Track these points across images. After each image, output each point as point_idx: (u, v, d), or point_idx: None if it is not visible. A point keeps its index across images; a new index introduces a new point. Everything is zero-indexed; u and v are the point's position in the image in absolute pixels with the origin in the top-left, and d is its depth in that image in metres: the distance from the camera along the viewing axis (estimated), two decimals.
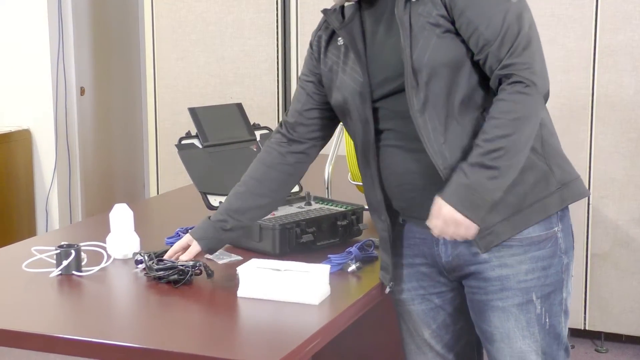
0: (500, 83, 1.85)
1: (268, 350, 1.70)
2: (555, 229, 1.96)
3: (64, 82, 5.24)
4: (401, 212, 2.05)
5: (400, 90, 1.91)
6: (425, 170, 1.92)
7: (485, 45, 1.84)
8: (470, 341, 2.14)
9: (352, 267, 2.16)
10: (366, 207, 2.48)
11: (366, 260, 2.22)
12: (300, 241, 2.28)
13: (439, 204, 1.85)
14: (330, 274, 2.02)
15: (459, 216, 1.83)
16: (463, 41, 1.86)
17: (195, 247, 2.12)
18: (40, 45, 5.09)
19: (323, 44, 2.08)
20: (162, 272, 2.02)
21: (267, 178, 2.14)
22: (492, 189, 1.82)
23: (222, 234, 2.12)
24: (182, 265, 2.03)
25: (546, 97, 1.88)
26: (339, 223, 2.37)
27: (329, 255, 2.19)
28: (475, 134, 1.87)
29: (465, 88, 1.87)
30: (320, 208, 2.49)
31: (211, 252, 2.16)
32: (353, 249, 2.20)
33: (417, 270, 2.07)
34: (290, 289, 1.92)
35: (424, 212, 1.96)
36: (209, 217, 2.15)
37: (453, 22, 1.86)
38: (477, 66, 1.88)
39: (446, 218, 1.84)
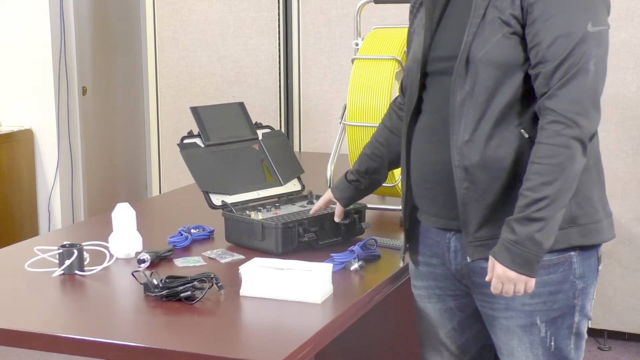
0: (541, 114, 1.78)
1: (271, 349, 1.70)
2: (572, 253, 1.87)
3: (66, 81, 5.24)
4: (416, 202, 2.01)
5: (449, 73, 1.86)
6: (442, 167, 1.89)
7: (541, 63, 1.76)
8: (487, 346, 2.08)
9: (355, 266, 2.16)
10: (368, 205, 2.50)
11: (369, 258, 2.22)
12: (303, 240, 2.28)
13: (492, 262, 1.81)
14: (333, 272, 2.02)
15: (512, 274, 1.77)
16: (526, 49, 1.79)
17: (340, 207, 2.29)
18: (42, 45, 5.08)
19: (417, 5, 2.05)
20: (169, 290, 1.93)
21: (391, 142, 2.19)
22: (542, 241, 1.76)
23: (358, 192, 2.28)
24: (196, 280, 1.95)
25: (592, 137, 1.78)
26: (341, 222, 2.37)
27: (332, 254, 2.19)
28: (502, 147, 1.81)
29: (510, 96, 1.81)
30: None
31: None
32: (355, 248, 2.20)
33: (434, 270, 2.04)
34: (292, 287, 1.92)
35: (434, 207, 1.95)
36: (345, 177, 2.27)
37: (524, 27, 1.79)
38: (529, 79, 1.81)
39: (500, 277, 1.79)
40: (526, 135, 1.81)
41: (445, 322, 2.08)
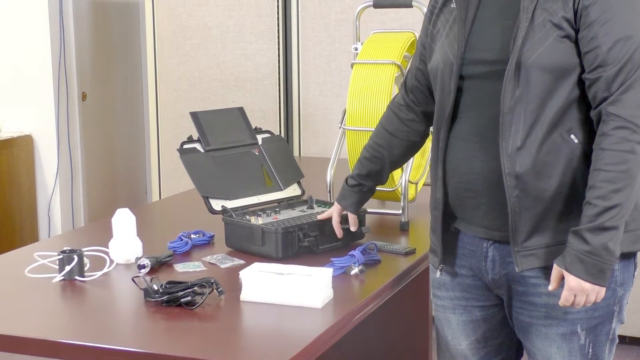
0: (601, 120, 1.74)
1: (271, 354, 1.70)
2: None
3: (66, 87, 5.24)
4: (454, 210, 1.95)
5: (491, 77, 1.81)
6: (488, 175, 1.84)
7: (600, 67, 1.72)
8: (509, 356, 2.07)
9: (355, 271, 2.15)
10: (368, 210, 2.50)
11: (369, 263, 2.22)
12: (303, 245, 2.28)
13: (557, 273, 1.77)
14: (333, 277, 2.01)
15: (587, 285, 1.73)
16: (579, 54, 1.75)
17: (352, 215, 2.30)
18: (41, 51, 5.09)
19: (439, 4, 1.98)
20: (169, 295, 1.93)
21: (392, 145, 2.18)
22: (614, 249, 1.72)
23: (363, 195, 2.27)
24: (196, 285, 1.95)
25: None
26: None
27: (332, 259, 2.19)
28: (553, 153, 1.78)
29: (563, 101, 1.77)
30: (322, 212, 2.48)
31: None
32: (356, 252, 2.20)
33: (463, 281, 2.00)
34: (293, 292, 1.92)
35: (476, 216, 1.90)
36: (347, 182, 2.28)
37: (577, 31, 1.75)
38: (581, 83, 1.77)
39: (574, 289, 1.74)
40: (576, 141, 1.78)
41: (469, 333, 2.03)
